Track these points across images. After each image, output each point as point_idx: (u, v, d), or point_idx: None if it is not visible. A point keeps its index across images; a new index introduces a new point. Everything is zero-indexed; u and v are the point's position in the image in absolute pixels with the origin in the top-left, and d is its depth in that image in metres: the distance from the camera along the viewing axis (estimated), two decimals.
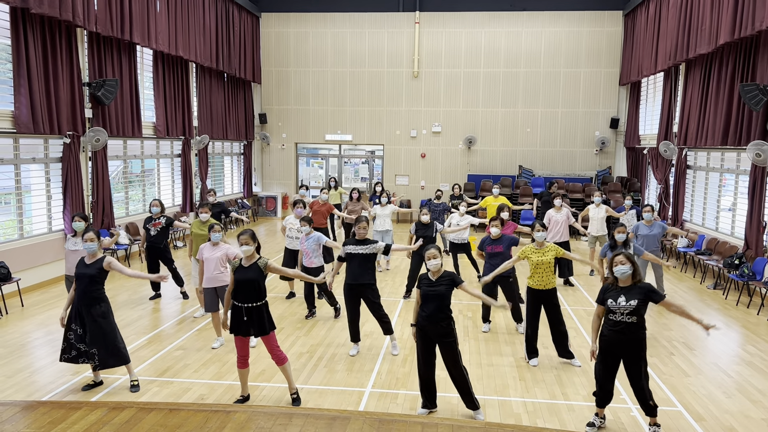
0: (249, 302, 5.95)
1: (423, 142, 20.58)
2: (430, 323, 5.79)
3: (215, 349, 7.84)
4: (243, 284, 5.94)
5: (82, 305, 6.27)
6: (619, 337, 5.44)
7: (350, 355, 7.66)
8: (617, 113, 19.72)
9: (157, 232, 9.96)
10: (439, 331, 5.79)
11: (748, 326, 9.24)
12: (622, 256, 5.51)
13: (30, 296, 10.24)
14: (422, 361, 5.91)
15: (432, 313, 5.78)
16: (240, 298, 5.97)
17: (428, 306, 5.81)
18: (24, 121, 10.15)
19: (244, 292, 5.95)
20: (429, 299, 5.82)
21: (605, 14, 19.44)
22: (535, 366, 7.39)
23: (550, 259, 7.27)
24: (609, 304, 5.48)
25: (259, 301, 6.00)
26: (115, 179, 13.72)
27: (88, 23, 11.22)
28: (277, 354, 6.12)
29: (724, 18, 11.78)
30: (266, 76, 20.92)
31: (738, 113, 11.72)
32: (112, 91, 11.94)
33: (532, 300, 7.38)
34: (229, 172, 20.02)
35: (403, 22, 20.14)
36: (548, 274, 7.27)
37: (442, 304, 5.80)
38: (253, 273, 5.97)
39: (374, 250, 7.54)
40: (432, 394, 6.01)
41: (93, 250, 6.36)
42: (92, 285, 6.27)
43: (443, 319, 5.80)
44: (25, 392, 6.46)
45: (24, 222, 10.82)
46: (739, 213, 12.34)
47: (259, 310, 6.00)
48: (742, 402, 6.51)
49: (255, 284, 5.95)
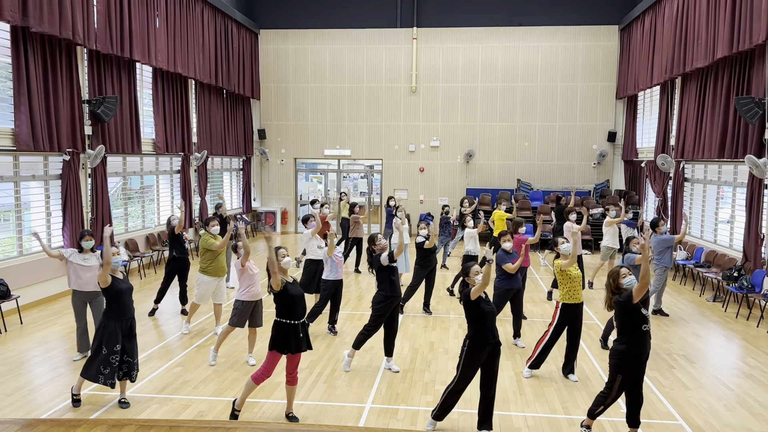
0: (302, 318, 6.03)
1: (421, 157, 20.65)
2: (494, 339, 5.72)
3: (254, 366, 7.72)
4: (298, 300, 6.00)
5: (127, 320, 6.45)
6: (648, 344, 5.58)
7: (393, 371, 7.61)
8: (614, 127, 19.82)
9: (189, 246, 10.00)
10: (496, 350, 5.76)
11: (748, 339, 9.23)
12: (624, 269, 5.69)
13: (29, 314, 10.22)
14: (467, 380, 5.77)
15: (493, 330, 5.73)
16: (295, 315, 5.97)
17: (488, 323, 5.71)
18: (24, 138, 10.19)
19: (298, 308, 5.99)
20: (489, 317, 5.73)
21: (601, 29, 19.61)
22: (527, 378, 7.44)
23: (579, 273, 7.30)
24: (644, 312, 5.52)
25: (305, 315, 6.12)
26: (115, 196, 13.75)
27: (88, 41, 11.31)
28: (295, 374, 6.12)
29: (721, 32, 11.89)
30: (265, 92, 21.04)
31: (734, 126, 11.79)
32: (112, 108, 12.00)
33: (567, 314, 7.22)
34: (228, 188, 20.05)
35: (401, 38, 20.30)
36: (580, 287, 7.28)
37: (495, 321, 5.82)
38: (299, 288, 6.11)
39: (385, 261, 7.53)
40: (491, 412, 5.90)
41: (119, 264, 6.63)
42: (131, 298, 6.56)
43: (498, 335, 5.82)
44: (25, 410, 6.43)
45: (23, 239, 10.83)
46: (738, 225, 12.37)
47: (305, 326, 6.12)
48: (743, 415, 6.49)
49: (304, 298, 6.10)
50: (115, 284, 6.45)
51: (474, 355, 5.68)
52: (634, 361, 5.49)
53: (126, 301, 6.45)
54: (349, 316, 10.16)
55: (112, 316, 6.35)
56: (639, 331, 5.48)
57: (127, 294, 6.48)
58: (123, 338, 6.39)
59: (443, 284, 12.41)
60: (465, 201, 13.84)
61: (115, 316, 6.36)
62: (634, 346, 5.49)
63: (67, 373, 7.46)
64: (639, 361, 5.51)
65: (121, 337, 6.36)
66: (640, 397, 5.64)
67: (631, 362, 5.49)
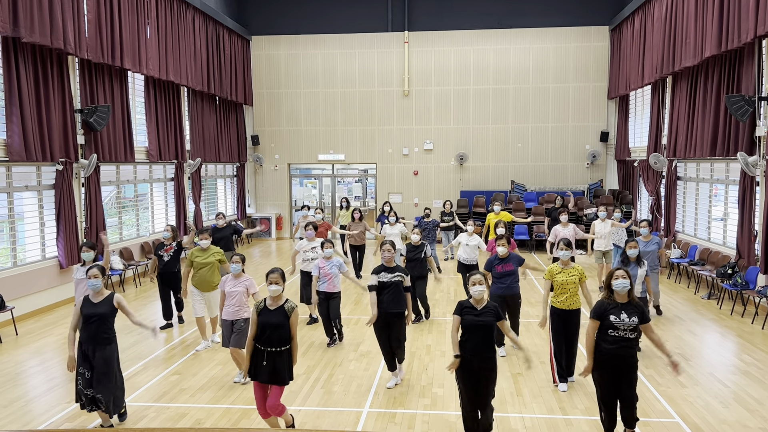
0: (272, 347, 5.58)
1: (415, 160, 20.68)
2: (476, 356, 5.42)
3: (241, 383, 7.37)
4: (268, 328, 5.57)
5: (89, 346, 5.88)
6: (623, 353, 5.39)
7: (387, 387, 7.23)
8: (607, 127, 19.90)
9: (170, 257, 9.74)
10: (486, 365, 5.45)
11: (743, 335, 9.28)
12: (622, 271, 5.51)
13: (24, 324, 10.18)
14: (468, 400, 5.52)
15: (478, 346, 5.42)
16: (263, 342, 5.60)
17: (474, 337, 5.43)
18: (16, 149, 10.16)
19: (268, 337, 5.57)
20: (475, 330, 5.43)
21: (591, 30, 19.70)
22: (564, 392, 7.06)
23: (575, 281, 7.02)
24: (612, 320, 5.39)
25: (282, 347, 5.62)
26: (108, 204, 13.72)
27: (79, 50, 11.30)
28: (277, 404, 5.67)
29: (709, 31, 11.97)
30: (258, 98, 21.04)
31: (725, 124, 11.86)
32: (104, 117, 11.98)
33: (555, 320, 7.10)
34: (223, 195, 20.04)
35: (392, 42, 20.34)
36: (573, 295, 7.03)
37: (489, 335, 5.45)
38: (278, 317, 5.62)
39: (403, 279, 7.20)
40: None
41: (98, 287, 6.01)
42: (103, 325, 5.91)
43: (491, 352, 5.48)
44: (21, 422, 6.41)
45: (17, 250, 10.79)
46: (731, 222, 12.43)
47: (281, 356, 5.61)
48: (739, 412, 6.52)
49: (280, 329, 5.59)
50: (82, 308, 5.97)
51: (460, 367, 5.50)
52: (603, 361, 5.44)
53: (92, 328, 5.86)
54: (345, 321, 10.14)
55: (80, 338, 5.96)
56: (605, 335, 5.43)
57: (92, 320, 5.87)
58: (87, 365, 5.89)
59: (436, 289, 12.42)
60: (447, 203, 14.76)
61: (81, 339, 5.94)
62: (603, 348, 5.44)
63: (63, 384, 7.43)
64: (611, 364, 5.41)
65: (86, 362, 5.88)
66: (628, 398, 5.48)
67: (602, 362, 5.45)
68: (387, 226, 12.38)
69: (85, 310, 5.95)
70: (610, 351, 5.41)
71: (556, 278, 7.07)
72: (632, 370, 5.48)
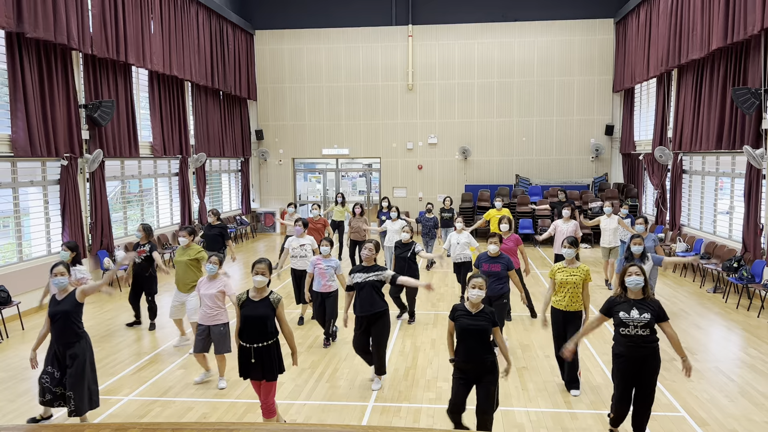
0: (257, 342, 5.41)
1: (419, 154, 20.65)
2: (471, 361, 5.28)
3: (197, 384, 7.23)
4: (251, 321, 5.40)
5: (59, 346, 5.77)
6: (637, 353, 5.25)
7: (373, 389, 7.03)
8: (612, 120, 19.82)
9: (141, 260, 9.19)
10: (483, 369, 5.27)
11: (748, 329, 9.24)
12: (636, 267, 5.34)
13: (30, 319, 10.23)
14: (454, 403, 5.37)
15: (473, 350, 5.25)
16: (247, 338, 5.43)
17: (468, 342, 5.26)
18: (21, 144, 10.19)
19: (251, 330, 5.41)
20: (470, 334, 5.25)
21: (596, 22, 19.60)
22: (576, 396, 6.81)
23: (576, 281, 6.68)
24: (621, 316, 5.27)
25: (268, 341, 5.46)
26: (113, 200, 13.75)
27: (83, 46, 11.30)
28: (269, 404, 5.54)
29: (716, 23, 11.89)
30: (262, 93, 21.02)
31: (731, 117, 11.79)
32: (109, 112, 11.99)
33: (554, 320, 6.86)
34: (227, 189, 20.06)
35: (396, 36, 20.28)
36: (573, 296, 6.70)
37: (484, 340, 5.27)
38: (263, 309, 5.43)
39: (382, 277, 6.92)
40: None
41: (63, 285, 5.88)
42: (68, 322, 5.76)
43: (488, 357, 5.28)
44: (27, 416, 6.43)
45: (23, 245, 10.83)
46: (737, 216, 12.37)
47: (268, 351, 5.46)
48: (745, 405, 6.50)
49: (264, 321, 5.41)
50: (48, 307, 5.88)
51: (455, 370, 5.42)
52: (619, 361, 5.37)
53: (58, 327, 5.76)
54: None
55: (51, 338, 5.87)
56: (618, 333, 5.37)
57: (57, 318, 5.75)
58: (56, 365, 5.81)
59: (441, 284, 12.41)
60: (446, 199, 14.37)
61: (51, 339, 5.85)
62: (617, 346, 5.40)
63: None
64: (626, 364, 5.31)
65: (55, 362, 5.81)
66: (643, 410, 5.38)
67: (618, 362, 5.38)
68: (389, 221, 12.34)
69: (50, 309, 5.85)
70: (626, 354, 5.29)
71: (555, 276, 6.85)
72: (652, 375, 5.31)
